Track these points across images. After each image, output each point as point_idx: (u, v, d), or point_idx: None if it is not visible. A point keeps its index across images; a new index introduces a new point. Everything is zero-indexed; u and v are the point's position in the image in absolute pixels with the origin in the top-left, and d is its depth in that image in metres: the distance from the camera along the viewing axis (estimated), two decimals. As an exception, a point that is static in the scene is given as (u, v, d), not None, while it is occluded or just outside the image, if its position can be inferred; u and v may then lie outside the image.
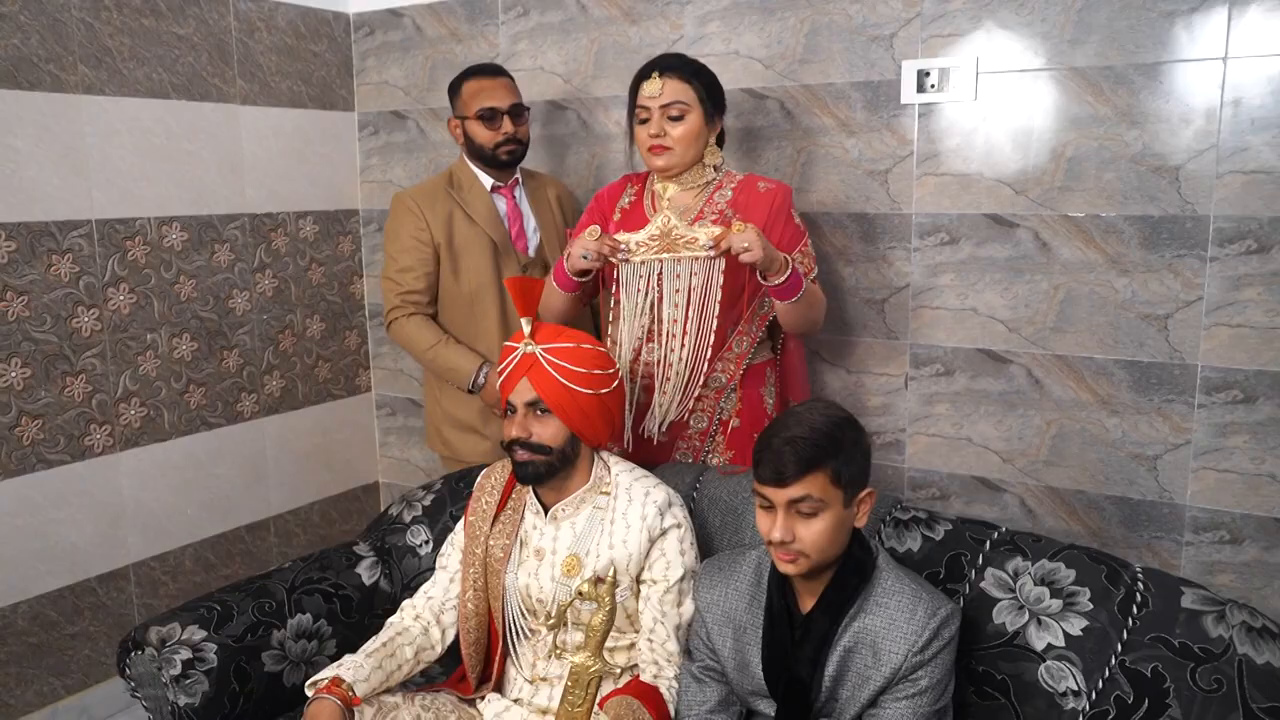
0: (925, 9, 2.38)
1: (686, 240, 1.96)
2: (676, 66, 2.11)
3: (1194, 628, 1.61)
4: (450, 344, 2.55)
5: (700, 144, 2.13)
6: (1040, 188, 2.31)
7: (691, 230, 1.95)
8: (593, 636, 1.58)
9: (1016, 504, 2.44)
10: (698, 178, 2.17)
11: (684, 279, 2.01)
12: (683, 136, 2.09)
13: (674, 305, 2.04)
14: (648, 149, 2.12)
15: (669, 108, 2.08)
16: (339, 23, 3.29)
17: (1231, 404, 2.18)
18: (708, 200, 2.16)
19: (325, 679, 1.70)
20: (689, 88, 2.09)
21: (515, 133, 2.55)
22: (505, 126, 2.54)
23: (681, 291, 2.03)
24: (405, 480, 3.54)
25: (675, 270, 2.01)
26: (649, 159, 2.14)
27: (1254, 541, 2.20)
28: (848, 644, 1.56)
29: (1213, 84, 2.11)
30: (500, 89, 2.55)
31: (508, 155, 2.56)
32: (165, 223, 2.84)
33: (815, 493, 1.49)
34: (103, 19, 2.65)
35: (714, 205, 2.15)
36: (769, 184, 2.16)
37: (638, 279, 2.04)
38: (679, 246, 1.96)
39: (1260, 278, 2.12)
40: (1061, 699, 1.64)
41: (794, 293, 1.99)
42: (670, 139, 2.09)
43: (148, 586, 2.88)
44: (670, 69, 2.10)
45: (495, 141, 2.54)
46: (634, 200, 2.24)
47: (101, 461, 2.73)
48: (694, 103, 2.09)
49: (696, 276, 2.00)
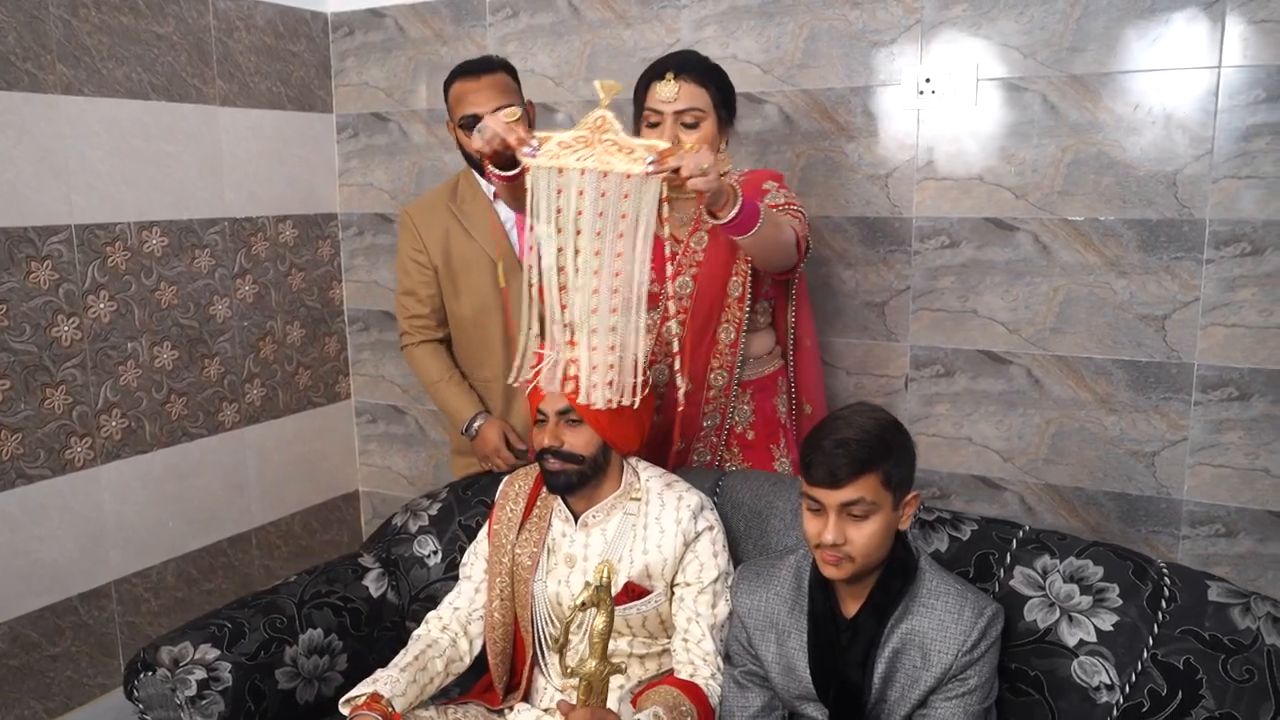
0: (925, 15, 2.41)
1: (620, 147, 1.54)
2: (692, 67, 1.97)
3: (1222, 620, 1.66)
4: (452, 383, 2.44)
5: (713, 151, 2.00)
6: (1040, 192, 2.36)
7: (631, 140, 1.57)
8: (598, 643, 1.55)
9: (1016, 502, 2.49)
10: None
11: (610, 199, 1.55)
12: (697, 144, 1.94)
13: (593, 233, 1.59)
14: None
15: (684, 114, 1.95)
16: (317, 22, 3.22)
17: (1227, 401, 2.25)
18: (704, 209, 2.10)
19: (363, 695, 1.67)
20: (705, 93, 1.97)
21: None
22: None
23: (608, 216, 1.56)
24: (387, 488, 3.48)
25: (600, 186, 1.55)
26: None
27: (1248, 534, 2.27)
28: (896, 645, 1.57)
29: (1207, 91, 2.18)
30: (484, 91, 2.28)
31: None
32: (145, 227, 2.75)
33: (867, 495, 1.50)
34: (80, 16, 2.56)
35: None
36: (747, 176, 2.06)
37: (548, 190, 1.59)
38: (609, 156, 1.53)
39: (1254, 279, 2.19)
40: (1095, 693, 1.68)
41: (750, 225, 1.73)
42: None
43: (130, 604, 2.78)
44: (686, 70, 1.96)
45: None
46: None
47: (83, 475, 2.63)
48: (709, 109, 1.97)
49: (628, 200, 1.55)
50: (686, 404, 2.09)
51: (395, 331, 3.34)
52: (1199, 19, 2.16)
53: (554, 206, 1.59)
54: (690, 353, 2.06)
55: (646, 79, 2.00)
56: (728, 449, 2.17)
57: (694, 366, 2.08)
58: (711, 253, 2.05)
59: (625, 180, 1.54)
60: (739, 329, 2.09)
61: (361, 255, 3.35)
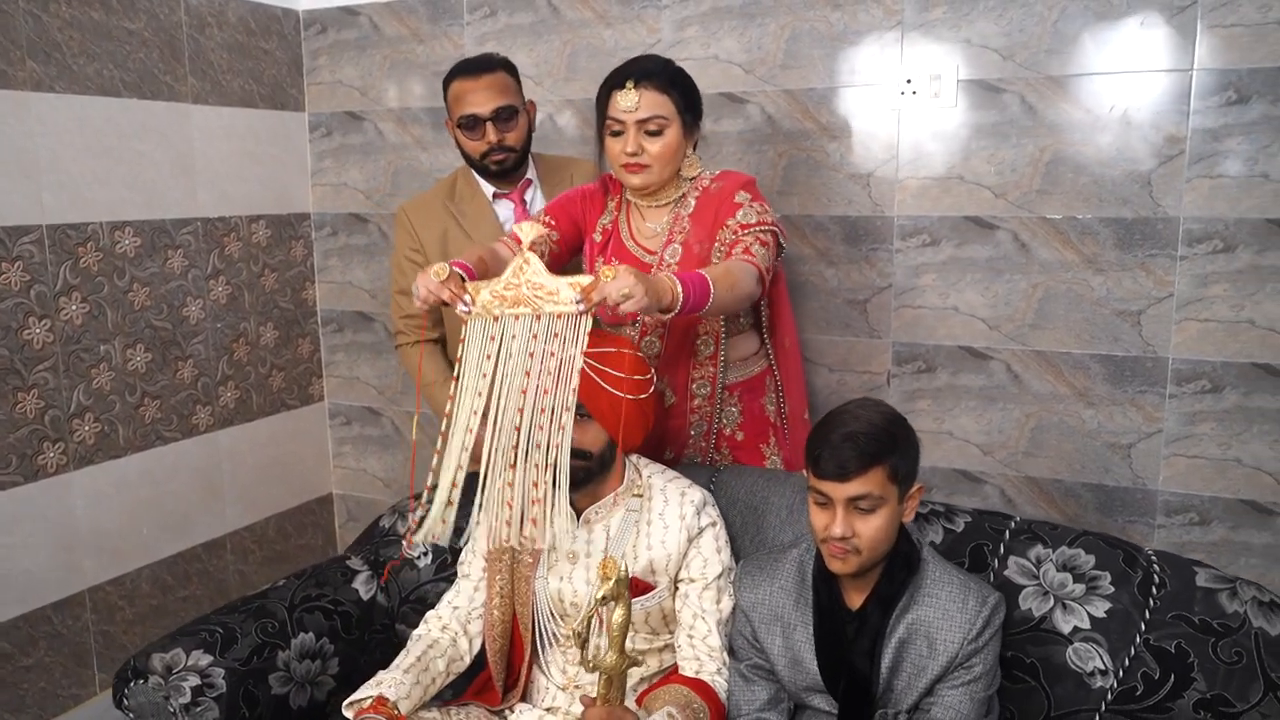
0: (905, 17, 2.45)
1: (547, 292, 1.60)
2: (653, 74, 1.92)
3: (1211, 604, 1.71)
4: (448, 385, 2.39)
5: (679, 158, 1.99)
6: (1019, 191, 2.41)
7: (553, 280, 1.61)
8: (616, 636, 1.56)
9: (997, 494, 2.54)
10: (672, 192, 2.04)
11: (540, 340, 1.61)
12: (661, 153, 1.93)
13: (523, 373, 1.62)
14: (622, 165, 1.96)
15: (646, 122, 1.91)
16: (288, 19, 3.18)
17: (1200, 393, 2.32)
18: (675, 219, 2.03)
19: (368, 699, 1.65)
20: (667, 99, 1.92)
21: (502, 140, 2.29)
22: (489, 135, 2.28)
23: (537, 356, 1.61)
24: (361, 491, 3.44)
25: (532, 329, 1.62)
26: (624, 176, 1.99)
27: (1221, 522, 2.35)
28: (902, 636, 1.59)
29: (1180, 93, 2.24)
30: (483, 90, 2.26)
31: (496, 165, 2.32)
32: (118, 227, 2.69)
33: (875, 489, 1.53)
34: (51, 11, 2.50)
35: (680, 224, 2.02)
36: (723, 181, 2.03)
37: (481, 337, 1.65)
38: (539, 300, 1.61)
39: (1226, 275, 2.26)
40: (1089, 679, 1.72)
41: (703, 303, 1.70)
42: (648, 156, 1.93)
43: (104, 612, 2.72)
44: (647, 78, 1.91)
45: (480, 151, 2.31)
46: (614, 220, 2.10)
47: (56, 481, 2.57)
48: (673, 115, 1.92)
49: (557, 338, 1.60)
50: (673, 416, 2.10)
51: (370, 333, 3.31)
52: (1172, 23, 2.23)
53: (485, 353, 1.64)
54: (669, 367, 2.06)
55: (607, 88, 1.96)
56: (717, 451, 2.17)
57: (675, 380, 2.08)
58: (685, 266, 2.01)
59: (556, 320, 1.60)
60: (717, 340, 2.07)
61: (335, 256, 3.32)
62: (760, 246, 1.92)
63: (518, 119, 2.33)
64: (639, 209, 2.07)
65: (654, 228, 2.06)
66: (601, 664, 1.51)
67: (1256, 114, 2.19)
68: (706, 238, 2.00)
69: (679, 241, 2.01)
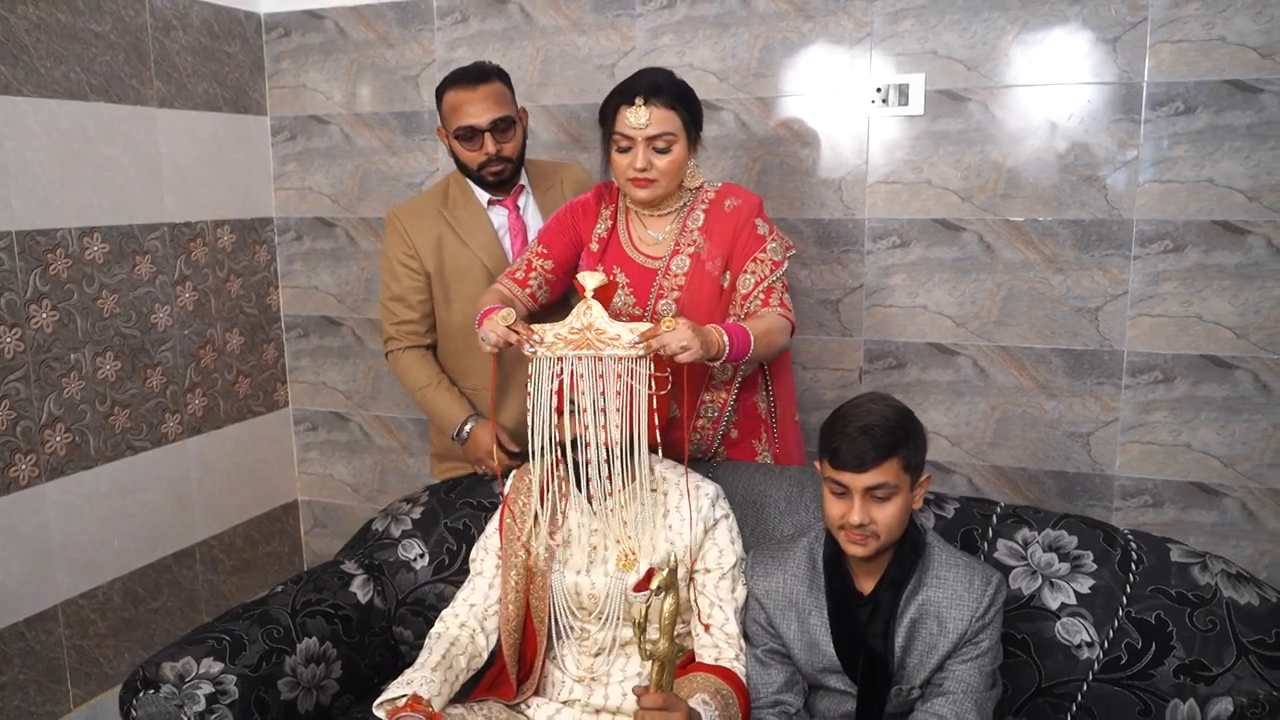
0: (875, 29, 2.56)
1: (609, 337, 1.73)
2: (661, 91, 1.95)
3: (1185, 578, 1.85)
4: (442, 388, 2.40)
5: (684, 172, 2.03)
6: (984, 195, 2.54)
7: (614, 325, 1.74)
8: (667, 624, 1.62)
9: (964, 483, 2.68)
10: (675, 202, 2.09)
11: (607, 380, 1.74)
12: (668, 168, 1.97)
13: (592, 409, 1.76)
14: (628, 179, 1.99)
15: (655, 139, 1.94)
16: (250, 23, 3.15)
17: (1153, 384, 2.49)
18: (682, 229, 2.08)
19: (401, 698, 1.67)
20: (675, 115, 1.95)
21: (500, 150, 2.31)
22: (487, 146, 2.29)
23: (605, 393, 1.75)
24: (327, 497, 3.42)
25: (596, 370, 1.74)
26: (631, 191, 2.02)
27: (1173, 504, 2.51)
28: (913, 616, 1.69)
29: (1134, 103, 2.40)
30: (481, 102, 2.27)
31: (493, 176, 2.34)
32: (86, 233, 2.64)
33: (890, 479, 1.62)
34: (18, 13, 2.44)
35: (689, 235, 2.07)
36: (736, 200, 2.09)
37: (549, 373, 1.77)
38: (600, 343, 1.73)
39: (1176, 273, 2.43)
40: (1077, 650, 1.85)
41: (744, 354, 1.85)
42: (656, 171, 1.96)
43: (77, 626, 2.66)
44: (656, 94, 1.94)
45: (478, 162, 2.32)
46: (610, 227, 2.14)
47: (28, 494, 2.51)
48: (680, 131, 1.96)
49: (620, 379, 1.74)
50: (674, 428, 2.14)
51: (336, 337, 3.29)
52: (1126, 38, 2.38)
53: (553, 387, 1.79)
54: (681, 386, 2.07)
55: (614, 103, 1.97)
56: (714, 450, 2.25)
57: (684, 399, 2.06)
58: (694, 280, 2.08)
59: (618, 362, 1.74)
60: (736, 368, 2.09)
61: (299, 260, 3.29)
62: (784, 292, 2.05)
63: (514, 129, 2.35)
64: (639, 216, 2.13)
65: (656, 235, 2.11)
66: (656, 651, 1.57)
67: (1202, 123, 2.36)
68: (721, 258, 2.05)
69: (687, 254, 2.06)
